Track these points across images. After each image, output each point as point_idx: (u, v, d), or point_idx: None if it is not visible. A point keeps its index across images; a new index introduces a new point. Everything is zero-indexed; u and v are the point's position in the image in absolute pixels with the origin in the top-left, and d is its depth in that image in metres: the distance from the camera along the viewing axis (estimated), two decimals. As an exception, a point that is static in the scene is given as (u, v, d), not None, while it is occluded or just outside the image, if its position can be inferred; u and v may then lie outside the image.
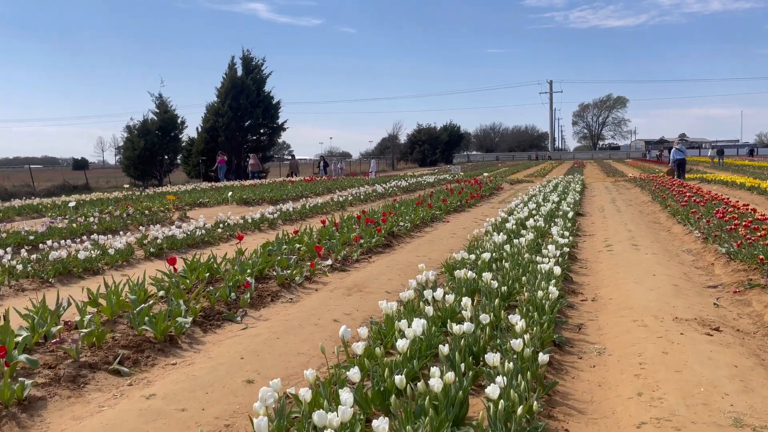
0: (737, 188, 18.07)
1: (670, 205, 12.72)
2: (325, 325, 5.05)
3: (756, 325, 4.88)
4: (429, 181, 24.94)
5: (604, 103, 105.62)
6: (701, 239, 8.53)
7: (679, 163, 23.35)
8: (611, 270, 7.06)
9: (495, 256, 6.55)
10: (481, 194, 17.48)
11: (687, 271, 6.95)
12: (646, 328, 4.61)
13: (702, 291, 5.99)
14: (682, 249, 8.49)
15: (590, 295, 6.00)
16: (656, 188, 17.20)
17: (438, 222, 12.01)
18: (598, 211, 13.55)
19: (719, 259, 7.20)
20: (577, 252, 8.35)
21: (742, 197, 15.68)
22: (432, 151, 68.62)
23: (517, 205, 11.82)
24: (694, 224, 9.53)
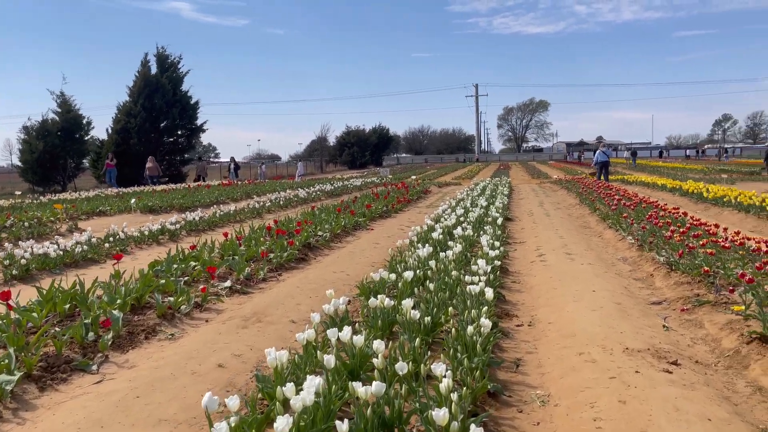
0: (659, 189, 18.22)
1: (599, 208, 12.39)
2: (206, 373, 4.00)
3: (715, 353, 4.24)
4: (356, 184, 24.04)
5: (527, 107, 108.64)
6: (636, 246, 8.04)
7: (602, 165, 23.65)
8: (547, 284, 6.37)
9: (419, 275, 5.69)
10: (409, 198, 16.74)
11: (627, 285, 6.35)
12: (594, 364, 3.84)
13: (647, 310, 5.36)
14: (617, 257, 7.96)
15: (526, 318, 5.24)
16: (583, 190, 17.04)
17: (361, 230, 11.10)
18: (527, 215, 13.07)
19: (658, 270, 6.66)
20: (508, 263, 7.65)
21: (666, 198, 15.70)
22: (361, 154, 67.88)
23: (444, 211, 11.09)
24: (626, 229, 9.08)
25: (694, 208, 13.36)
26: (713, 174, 27.84)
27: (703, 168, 34.02)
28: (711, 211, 12.63)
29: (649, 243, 7.69)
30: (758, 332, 4.08)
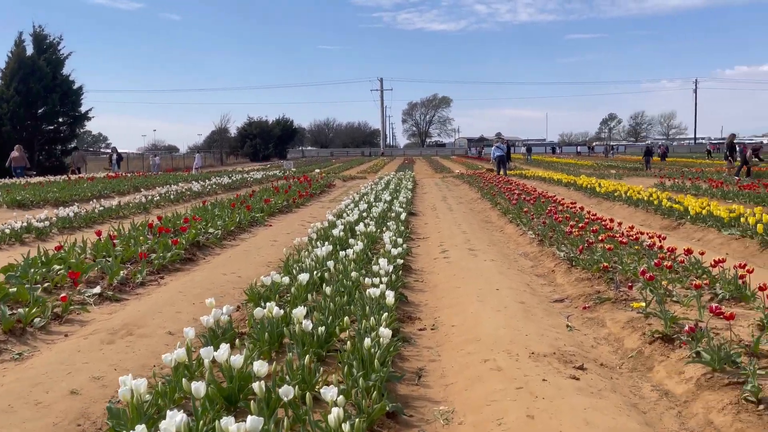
0: (555, 184, 18.88)
1: (500, 203, 12.50)
2: (54, 403, 3.32)
3: (618, 354, 4.12)
4: (256, 177, 23.10)
5: (430, 103, 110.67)
6: (537, 241, 8.04)
7: (499, 160, 24.29)
8: (450, 283, 6.13)
9: (316, 277, 5.24)
10: (311, 192, 16.19)
11: (529, 281, 6.25)
12: (500, 372, 3.57)
13: (550, 308, 5.23)
14: (519, 252, 7.92)
15: (429, 321, 4.94)
16: (484, 185, 17.27)
17: (259, 226, 10.45)
18: (431, 210, 12.96)
19: (559, 265, 6.62)
20: (412, 260, 7.37)
21: (561, 193, 16.22)
22: (264, 146, 66.09)
23: (347, 206, 10.68)
24: (527, 224, 9.11)
25: (588, 202, 13.85)
26: (602, 169, 29.45)
27: (592, 164, 36.00)
28: (603, 205, 13.13)
29: (550, 238, 7.69)
30: (660, 332, 4.00)
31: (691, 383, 3.36)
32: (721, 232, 8.23)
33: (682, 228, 9.26)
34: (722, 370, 3.32)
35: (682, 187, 15.59)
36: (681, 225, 9.39)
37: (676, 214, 9.81)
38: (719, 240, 8.07)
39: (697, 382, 3.33)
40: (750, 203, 11.47)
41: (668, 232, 9.26)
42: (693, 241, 8.48)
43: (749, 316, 4.32)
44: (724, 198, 12.82)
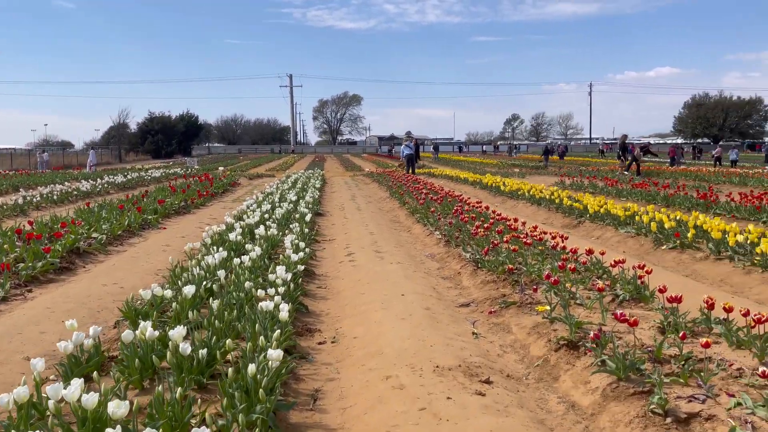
0: (462, 182, 19.12)
1: (408, 202, 12.38)
2: None
3: (524, 362, 3.97)
4: (155, 176, 21.77)
5: (341, 100, 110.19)
6: (444, 242, 7.91)
7: (408, 159, 24.38)
8: (355, 289, 5.82)
9: (205, 288, 4.76)
10: (213, 192, 15.37)
11: (435, 285, 6.06)
12: (403, 391, 3.30)
13: (456, 314, 5.04)
14: (426, 254, 7.75)
15: (330, 333, 4.60)
16: (393, 184, 17.16)
17: (151, 229, 9.67)
18: (339, 210, 12.63)
19: (465, 267, 6.49)
20: (316, 264, 7.00)
21: (468, 191, 16.41)
22: (167, 142, 62.95)
23: (249, 206, 10.12)
24: (434, 224, 8.99)
25: (493, 200, 14.05)
26: (506, 168, 30.37)
27: (497, 162, 37.12)
28: (508, 203, 13.35)
29: (456, 239, 7.58)
30: (565, 338, 3.89)
31: (597, 394, 3.23)
32: (618, 230, 8.49)
33: (582, 226, 9.51)
34: (627, 378, 3.22)
35: (580, 186, 16.23)
36: (581, 223, 9.63)
37: (576, 212, 10.07)
38: (616, 238, 8.31)
39: (603, 392, 3.21)
40: (642, 201, 12.04)
41: (569, 230, 9.47)
42: (592, 239, 8.70)
43: (649, 317, 4.32)
44: (618, 196, 13.42)
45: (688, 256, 6.76)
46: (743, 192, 11.19)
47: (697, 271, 6.33)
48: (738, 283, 5.71)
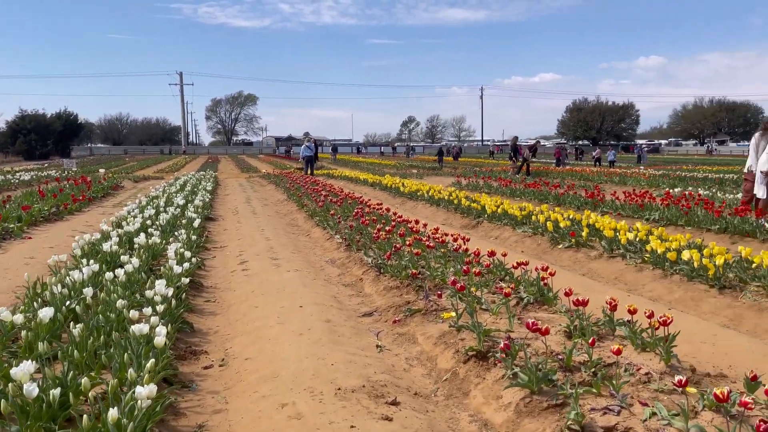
0: (361, 184, 18.91)
1: (306, 204, 11.92)
2: None
3: (432, 377, 3.71)
4: (24, 179, 19.69)
5: (236, 100, 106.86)
6: (344, 246, 7.57)
7: (307, 160, 23.88)
8: (248, 301, 5.33)
9: (69, 308, 4.09)
10: (91, 196, 14.04)
11: (336, 293, 5.70)
12: (301, 422, 2.91)
13: (359, 325, 4.71)
14: (326, 259, 7.37)
15: (219, 354, 4.11)
16: (291, 186, 16.62)
17: (14, 239, 8.54)
18: (232, 213, 11.92)
19: (368, 273, 6.19)
20: (204, 275, 6.41)
21: (368, 193, 16.21)
22: (42, 143, 57.72)
23: (130, 212, 9.23)
24: (334, 228, 8.63)
25: (393, 201, 13.93)
26: (404, 169, 30.65)
27: (395, 163, 37.43)
28: (408, 204, 13.28)
29: (357, 242, 7.27)
30: (474, 348, 3.67)
31: (510, 410, 3.02)
32: (515, 230, 8.57)
33: (481, 227, 9.55)
34: (540, 391, 3.04)
35: (476, 186, 16.54)
36: (480, 224, 9.68)
37: (475, 213, 10.11)
38: (514, 237, 8.38)
39: (517, 408, 3.01)
40: (535, 201, 12.40)
41: (468, 231, 9.47)
42: (491, 239, 8.74)
43: (554, 321, 4.22)
44: (513, 196, 13.76)
45: (583, 254, 6.89)
46: (626, 191, 11.84)
47: (593, 269, 6.44)
48: (631, 280, 5.85)
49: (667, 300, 5.19)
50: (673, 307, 4.96)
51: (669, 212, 9.00)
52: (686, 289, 5.21)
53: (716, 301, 4.85)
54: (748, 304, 4.62)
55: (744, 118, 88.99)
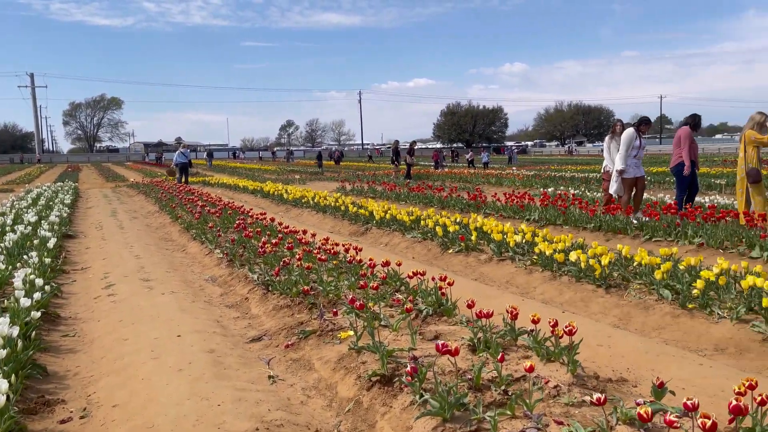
0: (241, 191, 18.08)
1: (181, 216, 11.05)
2: None
3: (333, 408, 3.37)
4: None
5: (98, 103, 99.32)
6: (226, 262, 6.99)
7: (182, 167, 22.51)
8: (115, 333, 4.66)
9: None
10: None
11: (220, 316, 5.17)
12: (184, 485, 2.45)
13: (247, 352, 4.25)
14: (206, 277, 6.76)
15: (79, 403, 3.48)
16: (163, 196, 15.45)
17: None
18: (95, 229, 10.76)
19: (254, 291, 5.71)
20: (61, 304, 5.58)
21: (248, 201, 15.50)
22: None
23: (-32, 233, 7.94)
24: (213, 242, 7.99)
25: (277, 209, 13.38)
26: (286, 174, 29.97)
27: (276, 168, 36.55)
28: (293, 212, 12.80)
29: (240, 257, 6.74)
30: (378, 372, 3.38)
31: (424, 442, 2.76)
32: (405, 235, 8.45)
33: (370, 233, 9.34)
34: (453, 418, 2.81)
35: (361, 191, 16.39)
36: (368, 230, 9.47)
37: (363, 219, 9.90)
38: (404, 243, 8.25)
39: (430, 439, 2.75)
40: (420, 204, 12.45)
41: (358, 238, 9.23)
42: (381, 245, 8.55)
43: (456, 333, 4.05)
44: (398, 200, 13.76)
45: (473, 258, 6.88)
46: (506, 192, 12.22)
47: (485, 273, 6.44)
48: (523, 283, 5.89)
49: (559, 302, 5.26)
50: (566, 309, 5.01)
51: (548, 213, 9.34)
52: (575, 290, 5.31)
53: (604, 301, 4.97)
54: (634, 303, 4.76)
55: (598, 121, 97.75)
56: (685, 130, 8.81)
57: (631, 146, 9.11)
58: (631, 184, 9.42)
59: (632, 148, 9.13)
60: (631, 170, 9.27)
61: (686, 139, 8.71)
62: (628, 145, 9.09)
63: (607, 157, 9.94)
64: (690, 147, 8.69)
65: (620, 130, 9.69)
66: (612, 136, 9.93)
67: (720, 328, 4.07)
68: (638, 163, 9.37)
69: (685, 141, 8.69)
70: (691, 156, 8.70)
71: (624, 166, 9.12)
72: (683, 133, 8.80)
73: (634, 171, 9.28)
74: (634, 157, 9.18)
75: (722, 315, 4.22)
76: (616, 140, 9.82)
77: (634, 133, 9.13)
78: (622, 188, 9.36)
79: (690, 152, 8.70)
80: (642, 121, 9.41)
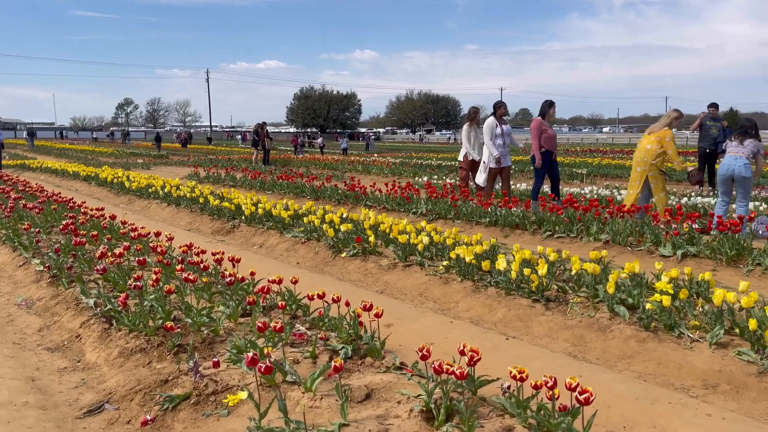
0: (72, 178, 15.32)
1: (-14, 211, 8.64)
2: None
3: None
4: None
5: None
6: (49, 277, 5.20)
7: (-6, 148, 18.79)
8: None
9: None
10: None
11: (38, 368, 3.56)
12: None
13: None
14: (18, 300, 4.94)
15: None
16: (-36, 183, 12.42)
17: None
18: None
19: (90, 325, 4.10)
20: None
21: (81, 190, 13.06)
22: None
23: None
24: (30, 248, 6.06)
25: (117, 201, 11.26)
26: (127, 158, 26.70)
27: (114, 151, 32.60)
28: (137, 204, 10.79)
29: (70, 272, 5.00)
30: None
31: None
32: (283, 234, 7.14)
33: (238, 231, 7.87)
34: None
35: (218, 178, 14.58)
36: (236, 228, 7.99)
37: (228, 213, 8.38)
38: (284, 244, 6.94)
39: None
40: (291, 195, 11.13)
41: (223, 238, 7.75)
42: (255, 247, 7.16)
43: (392, 387, 2.93)
44: (263, 189, 12.29)
45: (373, 264, 5.80)
46: (378, 181, 11.34)
47: (390, 283, 5.38)
48: (440, 296, 4.92)
49: (491, 321, 4.36)
50: (504, 332, 4.13)
51: (437, 205, 8.56)
52: (508, 306, 4.45)
53: (548, 320, 4.15)
54: (585, 323, 3.99)
55: (446, 110, 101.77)
56: (535, 122, 8.62)
57: (493, 134, 8.89)
58: (495, 173, 9.09)
59: (495, 136, 8.85)
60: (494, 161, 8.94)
61: (535, 130, 8.48)
62: (490, 134, 8.91)
63: (467, 145, 9.55)
64: (541, 137, 8.42)
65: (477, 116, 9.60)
66: (471, 124, 9.58)
67: (700, 357, 3.40)
68: (505, 152, 9.04)
69: (534, 133, 8.44)
70: (545, 145, 8.45)
71: (498, 154, 8.81)
72: (533, 125, 8.58)
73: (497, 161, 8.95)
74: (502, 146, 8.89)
75: (693, 338, 3.58)
76: (475, 128, 9.55)
77: (494, 121, 9.01)
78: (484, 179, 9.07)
79: (544, 142, 8.44)
80: (495, 105, 9.23)
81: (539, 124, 8.46)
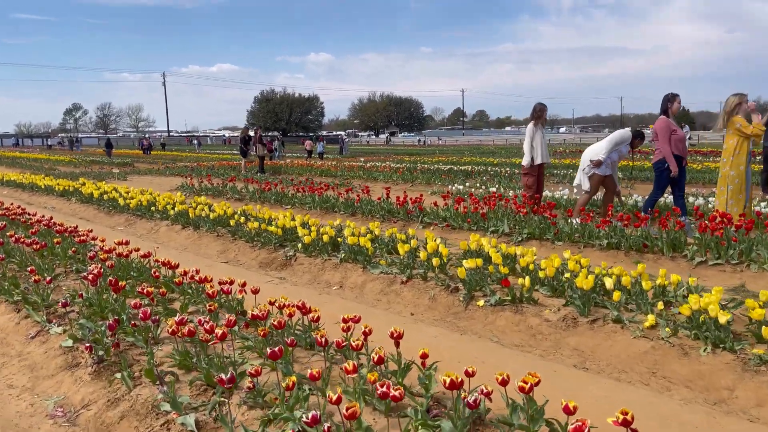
0: (43, 193, 13.13)
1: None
2: None
3: None
4: None
5: None
6: (92, 363, 3.43)
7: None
8: None
9: None
10: None
11: None
12: None
13: None
14: (49, 410, 3.16)
15: None
16: None
17: None
18: None
19: None
20: None
21: (61, 209, 11.00)
22: None
23: None
24: (42, 306, 4.24)
25: (110, 221, 9.31)
26: (85, 166, 24.41)
27: (72, 159, 29.93)
28: (140, 226, 8.87)
29: (116, 351, 3.24)
30: None
31: None
32: (367, 269, 5.47)
33: (297, 264, 6.13)
34: None
35: (217, 190, 12.67)
36: (293, 259, 6.24)
37: (275, 239, 6.65)
38: (374, 285, 5.25)
39: None
40: (317, 209, 9.43)
41: (279, 273, 6.07)
42: (334, 288, 5.48)
43: None
44: (279, 203, 10.52)
45: (535, 317, 4.21)
46: (404, 190, 9.76)
47: (582, 350, 3.79)
48: (691, 377, 3.38)
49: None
50: None
51: (526, 223, 7.06)
52: None
53: None
54: None
55: (409, 112, 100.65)
56: (662, 122, 6.88)
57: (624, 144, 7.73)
58: (600, 181, 7.74)
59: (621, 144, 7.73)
60: (604, 167, 7.64)
61: (664, 131, 6.88)
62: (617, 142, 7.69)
63: (536, 147, 8.24)
64: (670, 140, 6.89)
65: (544, 114, 8.34)
66: (536, 123, 8.29)
67: None
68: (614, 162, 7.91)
69: (663, 134, 6.83)
70: (676, 150, 6.93)
71: (603, 158, 7.52)
72: (660, 125, 6.92)
73: (604, 169, 7.65)
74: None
75: None
76: (540, 127, 8.33)
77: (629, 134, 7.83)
78: (589, 185, 7.75)
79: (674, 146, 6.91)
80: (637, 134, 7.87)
81: (668, 123, 6.86)
